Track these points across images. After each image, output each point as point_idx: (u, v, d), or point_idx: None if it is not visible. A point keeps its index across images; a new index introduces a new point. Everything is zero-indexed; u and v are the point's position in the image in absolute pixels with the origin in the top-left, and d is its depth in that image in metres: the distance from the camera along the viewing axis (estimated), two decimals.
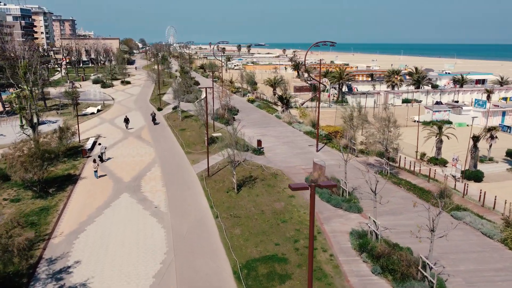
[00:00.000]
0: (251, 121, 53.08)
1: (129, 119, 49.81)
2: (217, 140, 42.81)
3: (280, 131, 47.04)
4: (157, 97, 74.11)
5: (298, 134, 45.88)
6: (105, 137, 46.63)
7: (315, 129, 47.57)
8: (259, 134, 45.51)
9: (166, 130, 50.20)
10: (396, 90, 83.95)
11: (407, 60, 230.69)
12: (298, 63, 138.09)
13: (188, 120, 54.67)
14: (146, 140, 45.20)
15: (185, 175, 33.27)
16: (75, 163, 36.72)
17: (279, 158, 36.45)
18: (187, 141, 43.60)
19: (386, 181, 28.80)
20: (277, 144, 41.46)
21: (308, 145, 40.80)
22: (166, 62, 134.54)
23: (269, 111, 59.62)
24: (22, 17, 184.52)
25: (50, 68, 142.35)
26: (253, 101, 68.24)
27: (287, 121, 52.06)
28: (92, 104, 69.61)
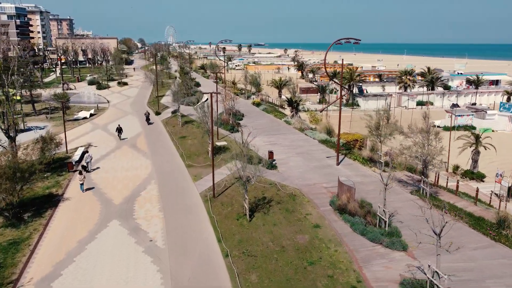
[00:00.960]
0: (258, 127, 48.11)
1: (122, 128, 44.16)
2: (222, 151, 38.00)
3: (291, 140, 42.11)
4: (155, 99, 69.20)
5: (313, 143, 40.96)
6: (96, 146, 41.69)
7: (331, 137, 42.71)
8: (269, 143, 40.59)
9: (165, 137, 45.26)
10: (409, 92, 79.13)
11: (411, 60, 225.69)
12: (302, 63, 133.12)
13: (189, 126, 49.73)
14: (142, 149, 40.25)
15: (187, 195, 28.34)
16: (59, 179, 31.76)
17: (295, 174, 31.52)
18: (188, 151, 38.67)
19: (430, 207, 23.88)
20: (290, 155, 36.53)
21: (326, 157, 35.86)
22: (165, 62, 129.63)
23: (276, 116, 54.70)
24: (17, 16, 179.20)
25: (45, 68, 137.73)
26: (258, 104, 63.33)
27: (298, 128, 47.14)
28: (85, 108, 64.67)
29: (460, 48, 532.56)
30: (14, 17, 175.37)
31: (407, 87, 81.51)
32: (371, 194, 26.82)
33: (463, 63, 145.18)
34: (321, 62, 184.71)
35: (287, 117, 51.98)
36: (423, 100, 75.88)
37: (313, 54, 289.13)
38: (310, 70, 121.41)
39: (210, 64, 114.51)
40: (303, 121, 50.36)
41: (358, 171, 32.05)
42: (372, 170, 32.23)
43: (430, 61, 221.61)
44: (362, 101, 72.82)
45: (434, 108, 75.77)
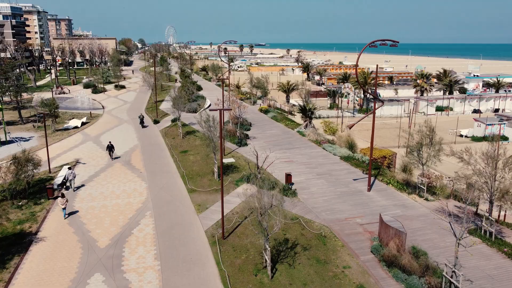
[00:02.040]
0: (268, 139, 42.75)
1: (113, 146, 37.51)
2: (229, 170, 32.60)
3: (309, 156, 36.70)
4: (153, 105, 63.81)
5: (334, 160, 35.55)
6: (84, 163, 36.31)
7: (354, 152, 37.30)
8: (283, 159, 35.21)
9: (164, 152, 39.87)
10: (426, 96, 73.66)
11: (416, 61, 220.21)
12: (307, 64, 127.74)
13: (190, 137, 44.35)
14: (137, 168, 34.84)
15: (190, 234, 22.94)
16: (36, 209, 26.37)
17: (320, 203, 26.14)
18: (190, 171, 33.29)
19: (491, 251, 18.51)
20: (310, 177, 31.12)
21: (352, 179, 30.46)
22: (165, 64, 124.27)
23: (288, 125, 49.27)
24: (13, 16, 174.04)
25: (41, 70, 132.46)
26: (266, 111, 57.93)
27: (314, 140, 41.74)
28: (77, 115, 59.32)
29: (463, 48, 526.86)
30: (9, 17, 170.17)
31: (423, 91, 76.04)
32: (421, 235, 21.45)
33: (477, 64, 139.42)
34: (325, 63, 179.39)
35: (300, 127, 46.54)
36: (442, 105, 70.42)
37: (315, 55, 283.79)
38: (317, 72, 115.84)
39: (213, 66, 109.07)
40: (318, 133, 44.92)
41: (395, 200, 26.63)
42: (412, 198, 26.83)
43: (438, 62, 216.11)
44: (377, 106, 67.34)
45: (454, 114, 70.37)
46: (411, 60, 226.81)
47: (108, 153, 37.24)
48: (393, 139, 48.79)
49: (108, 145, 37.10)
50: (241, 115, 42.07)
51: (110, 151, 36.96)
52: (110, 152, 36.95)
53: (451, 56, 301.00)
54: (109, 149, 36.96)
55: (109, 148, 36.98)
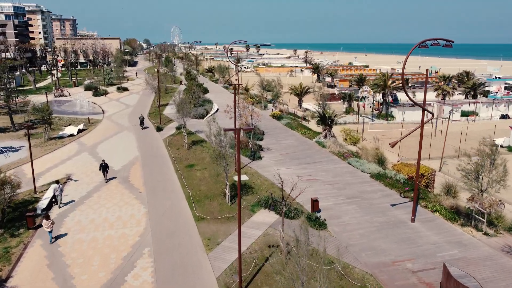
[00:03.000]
0: (284, 151, 38.02)
1: (107, 165, 31.46)
2: (243, 190, 27.90)
3: (333, 173, 31.91)
4: (157, 110, 59.29)
5: (363, 178, 30.74)
6: (76, 180, 31.77)
7: (385, 168, 32.48)
8: (303, 177, 30.46)
9: (167, 165, 35.25)
10: (450, 100, 68.58)
11: (426, 61, 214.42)
12: (317, 65, 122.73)
13: (197, 148, 39.75)
14: (136, 187, 30.22)
15: (197, 283, 18.25)
16: (12, 243, 21.83)
17: (356, 238, 21.39)
18: (197, 191, 28.65)
19: None
20: (339, 201, 26.36)
21: (390, 205, 25.67)
22: (170, 65, 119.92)
23: (304, 134, 44.47)
24: (16, 15, 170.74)
25: (43, 71, 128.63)
26: (279, 117, 53.18)
27: (336, 152, 36.93)
28: (74, 121, 54.93)
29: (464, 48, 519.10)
30: (12, 17, 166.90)
31: (445, 94, 70.91)
32: None
33: (498, 65, 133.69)
34: (335, 64, 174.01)
35: (319, 137, 41.72)
36: (468, 110, 65.32)
37: (323, 55, 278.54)
38: (328, 73, 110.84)
39: (219, 67, 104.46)
40: (341, 144, 40.10)
41: (448, 234, 21.79)
42: (468, 232, 21.98)
43: (450, 62, 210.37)
44: (397, 111, 62.38)
45: (481, 120, 65.28)
46: (421, 61, 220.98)
47: (102, 173, 31.50)
48: (422, 150, 43.77)
49: (102, 164, 31.28)
50: (254, 123, 37.32)
51: (104, 171, 31.41)
52: (104, 173, 31.34)
53: (461, 57, 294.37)
54: (102, 169, 31.24)
55: (103, 167, 31.20)
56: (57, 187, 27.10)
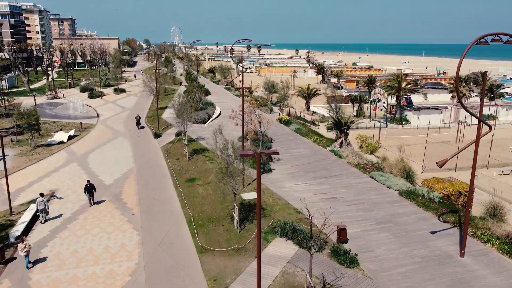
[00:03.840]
0: (296, 161, 33.95)
1: (93, 186, 26.15)
2: (254, 212, 23.87)
3: (356, 189, 27.83)
4: (155, 113, 55.26)
5: (390, 196, 26.67)
6: (61, 198, 27.71)
7: (413, 184, 28.44)
8: (321, 193, 26.45)
9: (165, 179, 31.16)
10: (466, 103, 64.48)
11: (431, 62, 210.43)
12: (322, 65, 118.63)
13: (198, 158, 35.71)
14: (129, 206, 26.15)
15: None
16: None
17: (397, 279, 17.31)
18: (199, 212, 24.61)
19: None
20: (368, 226, 22.29)
21: (429, 232, 21.61)
22: (169, 65, 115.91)
23: (317, 141, 40.38)
24: (12, 14, 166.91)
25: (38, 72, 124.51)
26: (287, 121, 49.10)
27: (355, 164, 32.86)
28: (66, 126, 50.88)
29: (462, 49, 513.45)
30: (8, 16, 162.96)
31: (462, 97, 66.78)
32: None
33: (510, 66, 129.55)
34: (338, 64, 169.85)
35: (334, 146, 37.60)
36: (488, 113, 61.28)
37: (324, 55, 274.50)
38: (334, 74, 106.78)
39: (221, 67, 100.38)
40: (358, 152, 36.03)
41: (510, 275, 17.74)
42: None
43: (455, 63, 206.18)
44: (412, 115, 58.31)
45: (501, 125, 61.35)
46: (424, 61, 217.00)
47: (88, 197, 26.08)
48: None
49: (87, 185, 25.91)
50: (264, 131, 33.26)
51: (90, 195, 25.98)
52: (89, 197, 26.04)
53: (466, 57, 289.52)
54: (88, 191, 25.88)
55: (88, 190, 25.85)
56: (41, 201, 23.73)
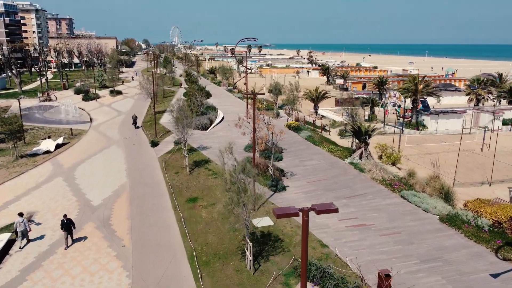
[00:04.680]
0: (313, 177, 29.70)
1: (72, 223, 20.82)
2: (267, 244, 19.59)
3: (388, 213, 23.56)
4: (152, 118, 50.99)
5: (430, 222, 22.42)
6: (39, 223, 23.45)
7: (453, 206, 24.25)
8: (346, 219, 22.25)
9: (162, 200, 26.90)
10: (489, 107, 60.38)
11: (434, 62, 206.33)
12: (327, 66, 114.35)
13: (200, 171, 31.45)
14: (119, 235, 21.91)
15: None
16: None
17: None
18: (203, 245, 20.38)
19: None
20: (412, 266, 18.04)
21: (489, 275, 17.39)
22: (168, 65, 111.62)
23: (332, 151, 36.08)
24: (7, 13, 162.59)
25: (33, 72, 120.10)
26: (297, 128, 44.85)
27: (380, 179, 28.62)
28: (55, 132, 46.62)
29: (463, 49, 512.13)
30: (2, 15, 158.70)
31: (480, 99, 62.71)
32: None
33: None
34: (341, 65, 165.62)
35: (353, 158, 33.30)
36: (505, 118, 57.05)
37: (325, 55, 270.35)
38: (340, 74, 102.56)
39: (222, 68, 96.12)
40: (382, 165, 31.76)
41: None
42: None
43: (461, 63, 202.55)
44: (430, 120, 54.03)
45: None
46: (428, 61, 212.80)
47: (64, 237, 20.57)
48: (472, 170, 35.74)
49: (63, 221, 20.50)
50: (276, 141, 28.97)
51: (68, 231, 20.60)
52: (67, 235, 20.61)
53: (468, 57, 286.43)
54: (65, 228, 20.48)
55: (65, 226, 20.47)
56: (21, 221, 20.33)
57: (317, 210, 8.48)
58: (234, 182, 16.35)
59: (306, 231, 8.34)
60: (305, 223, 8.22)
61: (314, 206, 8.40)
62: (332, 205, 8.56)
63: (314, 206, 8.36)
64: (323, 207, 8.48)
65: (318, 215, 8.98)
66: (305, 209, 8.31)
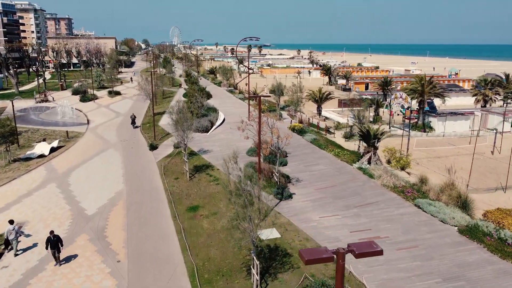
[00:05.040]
0: (319, 183, 28.13)
1: (60, 240, 18.63)
2: (275, 260, 17.95)
3: (402, 224, 21.99)
4: (151, 119, 49.41)
5: (448, 234, 20.85)
6: (29, 235, 21.88)
7: (472, 217, 22.72)
8: (358, 230, 20.69)
9: (161, 207, 25.35)
10: (493, 108, 58.86)
11: (435, 62, 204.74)
12: (329, 66, 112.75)
13: (201, 177, 29.88)
14: (114, 249, 20.34)
15: None
16: None
17: None
18: (205, 260, 18.83)
19: None
20: (433, 286, 16.50)
21: None
22: (168, 65, 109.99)
23: (339, 155, 34.50)
24: (5, 13, 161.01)
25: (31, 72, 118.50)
26: (301, 130, 43.26)
27: (391, 186, 27.07)
28: (51, 135, 45.06)
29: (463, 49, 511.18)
30: (0, 15, 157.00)
31: (487, 100, 61.17)
32: None
33: None
34: (343, 65, 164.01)
35: (361, 162, 31.72)
36: None
37: (325, 55, 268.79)
38: (343, 75, 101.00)
39: (223, 68, 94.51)
40: (392, 171, 30.21)
41: None
42: None
43: (465, 63, 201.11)
44: (437, 122, 52.46)
45: None
46: (429, 62, 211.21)
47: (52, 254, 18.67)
48: (485, 175, 34.21)
49: (50, 238, 18.42)
50: (282, 149, 27.41)
51: (55, 250, 18.55)
52: (55, 253, 18.61)
53: (469, 57, 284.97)
54: (51, 246, 18.44)
55: (52, 244, 18.38)
56: (12, 229, 19.34)
57: (356, 252, 6.78)
58: (239, 194, 14.77)
59: (342, 278, 6.73)
60: (341, 268, 6.63)
61: (352, 246, 6.78)
62: (374, 245, 6.90)
63: (351, 247, 6.72)
64: (363, 248, 6.77)
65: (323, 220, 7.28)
66: (341, 252, 6.70)
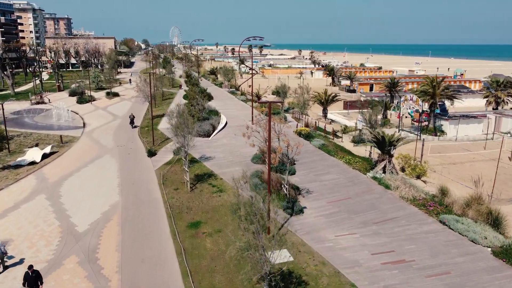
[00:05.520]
0: (332, 195, 25.85)
1: (39, 276, 16.19)
2: (287, 282, 15.51)
3: (428, 245, 19.70)
4: (150, 124, 47.13)
5: (482, 257, 18.59)
6: (11, 256, 19.61)
7: (506, 236, 20.42)
8: (379, 252, 18.44)
9: (159, 223, 23.06)
10: (507, 111, 56.57)
11: (438, 63, 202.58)
12: (332, 67, 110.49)
13: (203, 187, 27.61)
14: (105, 275, 18.03)
15: None
16: None
17: None
18: (208, 285, 16.56)
19: None
20: None
21: None
22: (168, 66, 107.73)
23: (350, 163, 32.20)
24: (2, 12, 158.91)
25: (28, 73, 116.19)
26: (308, 135, 40.99)
27: (411, 198, 24.79)
28: (44, 139, 42.77)
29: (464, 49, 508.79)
30: None
31: (499, 102, 58.93)
32: None
33: None
34: (345, 65, 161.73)
35: (375, 171, 29.44)
36: None
37: (326, 55, 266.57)
38: (347, 75, 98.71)
39: (224, 69, 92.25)
40: (410, 181, 27.91)
41: None
42: None
43: (468, 63, 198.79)
44: (448, 125, 50.15)
45: None
46: (431, 62, 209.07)
47: None
48: (505, 183, 31.94)
49: (28, 273, 16.07)
50: (291, 158, 25.16)
51: (31, 285, 16.01)
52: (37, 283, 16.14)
53: (470, 58, 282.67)
54: (29, 284, 15.98)
55: (30, 281, 15.96)
56: None
57: None
58: (251, 221, 12.51)
59: None
60: None
61: None
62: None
63: None
64: None
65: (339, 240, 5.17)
66: None
